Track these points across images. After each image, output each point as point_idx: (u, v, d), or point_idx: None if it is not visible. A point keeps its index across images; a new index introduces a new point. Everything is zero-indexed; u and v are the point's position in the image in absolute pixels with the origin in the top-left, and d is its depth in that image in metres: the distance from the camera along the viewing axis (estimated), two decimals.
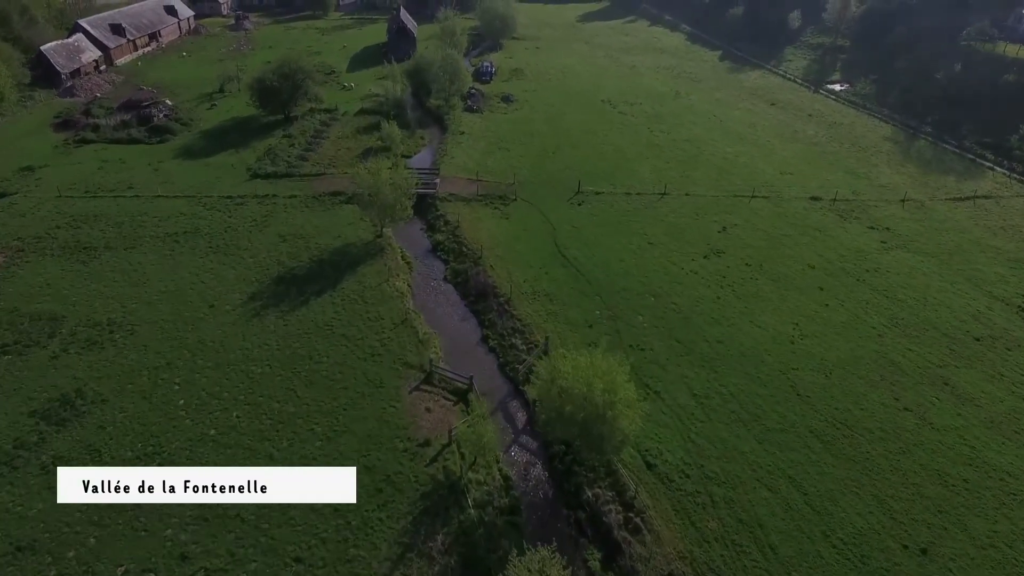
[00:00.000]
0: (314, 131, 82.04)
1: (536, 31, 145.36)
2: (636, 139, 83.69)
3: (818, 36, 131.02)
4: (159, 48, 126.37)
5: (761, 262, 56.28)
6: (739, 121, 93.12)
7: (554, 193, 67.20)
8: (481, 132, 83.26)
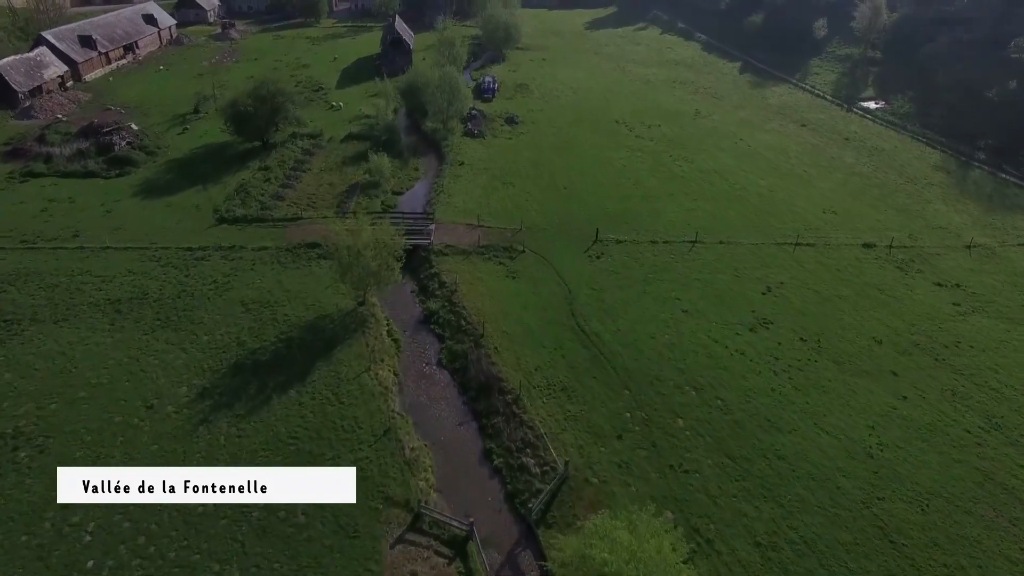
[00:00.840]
0: (294, 161, 72.73)
1: (542, 40, 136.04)
2: (657, 169, 74.31)
3: (845, 47, 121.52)
4: (135, 61, 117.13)
5: (818, 335, 46.92)
6: (768, 146, 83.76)
7: (568, 241, 57.86)
8: (483, 162, 73.89)
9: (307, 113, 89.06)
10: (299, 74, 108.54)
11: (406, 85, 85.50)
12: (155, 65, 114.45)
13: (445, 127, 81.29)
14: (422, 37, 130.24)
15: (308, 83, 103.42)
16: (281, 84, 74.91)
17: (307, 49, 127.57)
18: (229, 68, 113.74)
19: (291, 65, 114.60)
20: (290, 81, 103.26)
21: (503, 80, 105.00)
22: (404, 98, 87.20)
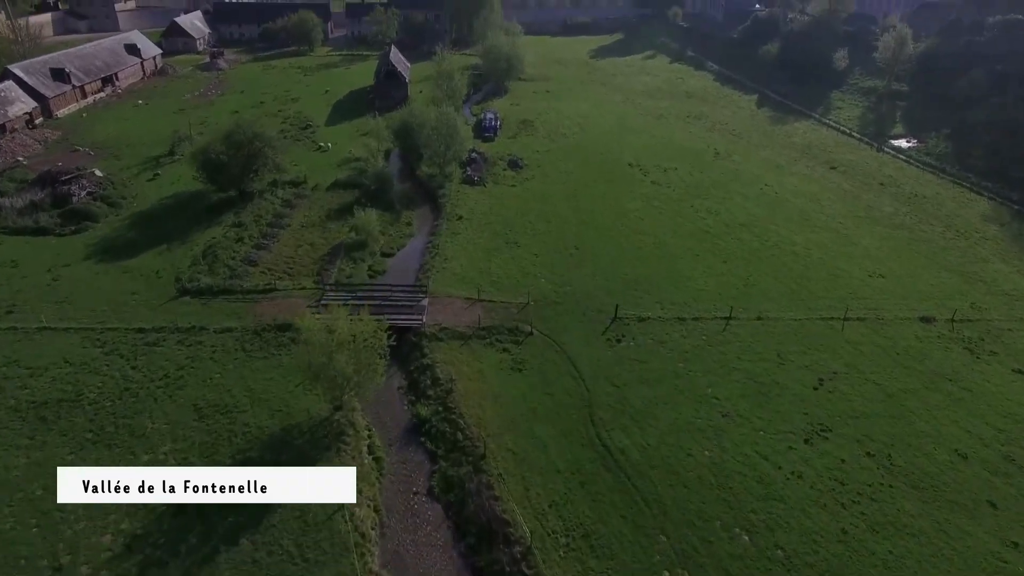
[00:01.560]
0: (273, 215, 65.02)
1: (545, 70, 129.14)
2: (679, 223, 66.58)
3: (868, 79, 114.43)
4: (114, 94, 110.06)
5: (888, 448, 38.79)
6: (798, 192, 76.15)
7: (582, 319, 49.88)
8: (484, 215, 66.14)
9: (292, 154, 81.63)
10: (287, 109, 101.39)
11: (399, 125, 78.09)
12: (135, 99, 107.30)
13: (442, 172, 73.72)
14: (420, 67, 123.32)
15: (295, 120, 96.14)
16: (259, 127, 67.24)
17: (298, 80, 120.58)
18: (213, 102, 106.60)
19: (279, 99, 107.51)
20: (276, 117, 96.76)
21: (505, 116, 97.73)
22: (397, 139, 79.85)
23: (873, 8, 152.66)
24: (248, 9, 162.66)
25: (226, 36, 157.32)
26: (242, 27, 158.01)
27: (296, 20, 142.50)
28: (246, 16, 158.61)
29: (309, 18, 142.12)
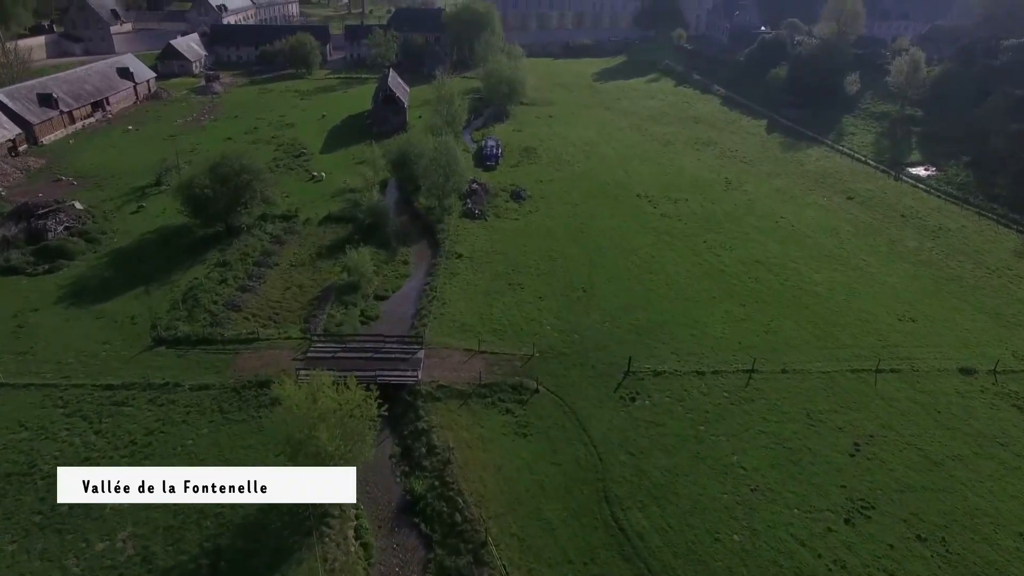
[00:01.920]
0: (260, 252, 61.12)
1: (548, 93, 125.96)
2: (692, 261, 62.59)
3: (881, 103, 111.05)
4: (105, 119, 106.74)
5: (941, 531, 34.44)
6: (815, 226, 72.26)
7: (592, 373, 45.71)
8: (485, 253, 62.17)
9: (284, 185, 78.06)
10: (281, 135, 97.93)
11: (397, 155, 74.43)
12: (125, 124, 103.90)
13: (441, 205, 69.88)
14: (419, 90, 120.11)
15: (289, 147, 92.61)
16: (247, 159, 63.47)
17: (294, 105, 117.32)
18: (205, 127, 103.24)
19: (274, 124, 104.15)
20: (270, 144, 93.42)
21: (507, 142, 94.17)
22: (394, 169, 76.22)
23: (881, 31, 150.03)
24: (246, 31, 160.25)
25: (223, 58, 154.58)
26: (240, 49, 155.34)
27: (293, 42, 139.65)
28: (244, 38, 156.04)
29: (307, 40, 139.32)
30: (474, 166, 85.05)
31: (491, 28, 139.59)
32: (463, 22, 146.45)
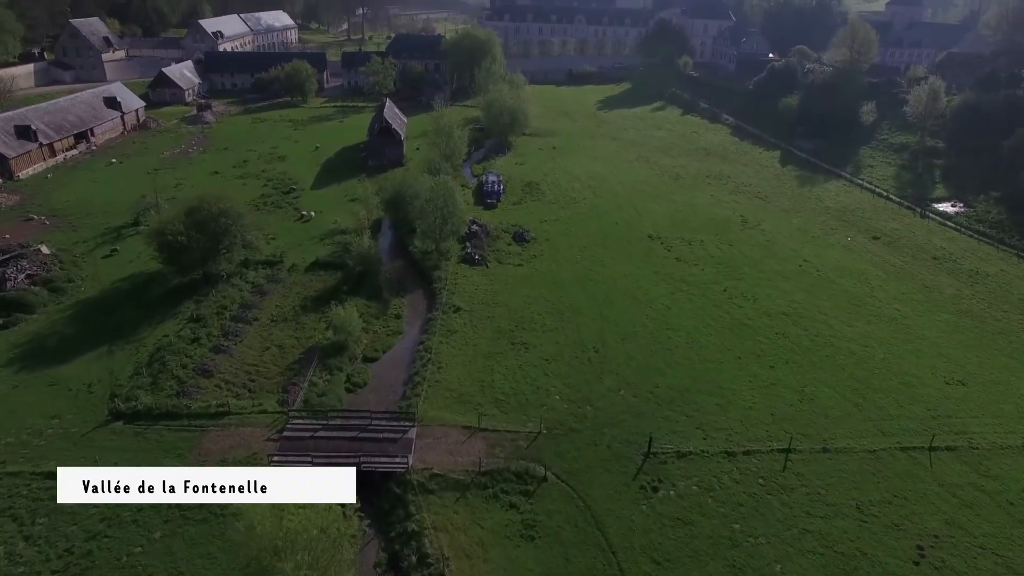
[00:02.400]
0: (239, 305, 55.73)
1: (551, 123, 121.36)
2: (713, 313, 57.13)
3: (899, 134, 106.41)
4: (88, 151, 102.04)
5: None
6: (842, 270, 67.00)
7: (607, 455, 40.06)
8: (486, 305, 56.72)
9: (270, 225, 72.87)
10: (271, 169, 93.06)
11: (391, 195, 69.39)
12: (110, 156, 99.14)
13: (438, 249, 64.70)
14: (418, 120, 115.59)
15: (279, 182, 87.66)
16: (227, 202, 58.25)
17: (287, 135, 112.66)
18: (192, 160, 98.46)
19: (264, 156, 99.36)
20: (259, 179, 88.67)
21: (509, 177, 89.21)
22: (388, 209, 71.20)
23: (893, 59, 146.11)
24: (240, 59, 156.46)
25: (218, 86, 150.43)
26: (234, 77, 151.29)
27: (289, 70, 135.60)
28: (238, 66, 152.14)
29: (302, 68, 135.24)
30: (474, 203, 80.00)
31: (492, 55, 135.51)
32: (463, 49, 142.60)
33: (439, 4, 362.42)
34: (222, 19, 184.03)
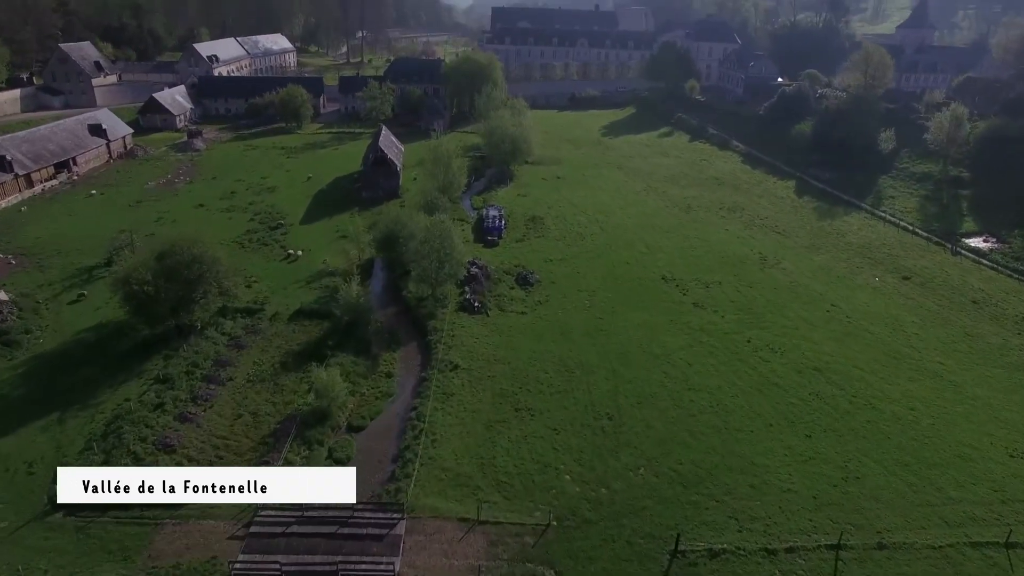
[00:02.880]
0: (214, 361, 50.25)
1: (554, 150, 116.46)
2: (737, 370, 51.53)
3: (920, 163, 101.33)
4: (70, 181, 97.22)
5: None
6: (873, 315, 61.57)
7: (628, 553, 34.28)
8: (486, 363, 51.11)
9: (254, 266, 67.72)
10: (259, 202, 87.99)
11: (383, 235, 64.09)
12: (90, 188, 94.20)
13: (434, 295, 59.32)
14: (416, 147, 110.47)
15: (267, 215, 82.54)
16: (202, 246, 52.87)
17: (279, 163, 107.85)
18: (178, 192, 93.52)
19: (253, 187, 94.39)
20: (246, 213, 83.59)
21: (511, 210, 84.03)
22: (380, 250, 65.85)
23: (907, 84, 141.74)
24: (235, 83, 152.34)
25: (211, 111, 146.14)
26: (228, 102, 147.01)
27: (283, 95, 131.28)
28: (232, 90, 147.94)
29: (297, 93, 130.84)
30: (473, 240, 74.76)
31: (493, 80, 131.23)
32: (464, 74, 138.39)
33: (440, 27, 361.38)
34: (218, 43, 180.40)
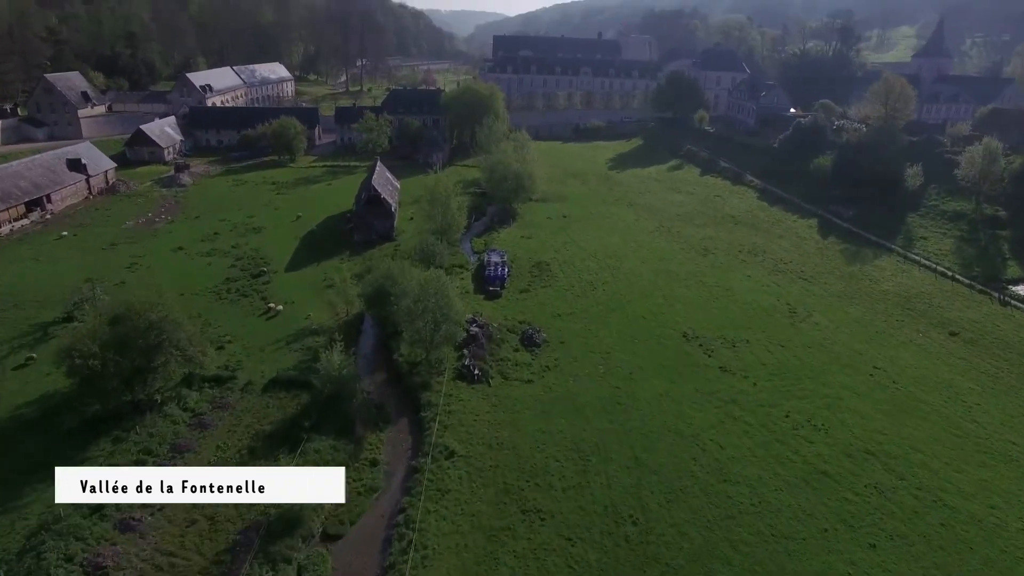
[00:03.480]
0: (170, 447, 43.24)
1: (560, 186, 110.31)
2: (778, 454, 44.39)
3: (950, 200, 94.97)
4: (42, 220, 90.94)
5: None
6: (924, 380, 54.71)
7: None
8: (487, 447, 44.00)
9: (229, 322, 61.03)
10: (243, 245, 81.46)
11: (373, 290, 57.33)
12: (62, 228, 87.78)
13: (428, 360, 52.44)
14: (413, 182, 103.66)
15: (249, 261, 75.95)
16: (161, 310, 46.00)
17: (267, 200, 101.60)
18: (157, 232, 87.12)
19: (238, 228, 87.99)
20: (227, 257, 77.15)
21: (515, 255, 77.45)
22: (370, 306, 59.06)
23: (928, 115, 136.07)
24: (226, 114, 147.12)
25: (202, 143, 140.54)
26: (220, 133, 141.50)
27: (276, 127, 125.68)
28: (224, 121, 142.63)
29: (290, 125, 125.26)
30: (473, 291, 68.04)
31: (494, 112, 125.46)
32: (464, 104, 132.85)
33: (441, 55, 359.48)
34: (213, 72, 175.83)
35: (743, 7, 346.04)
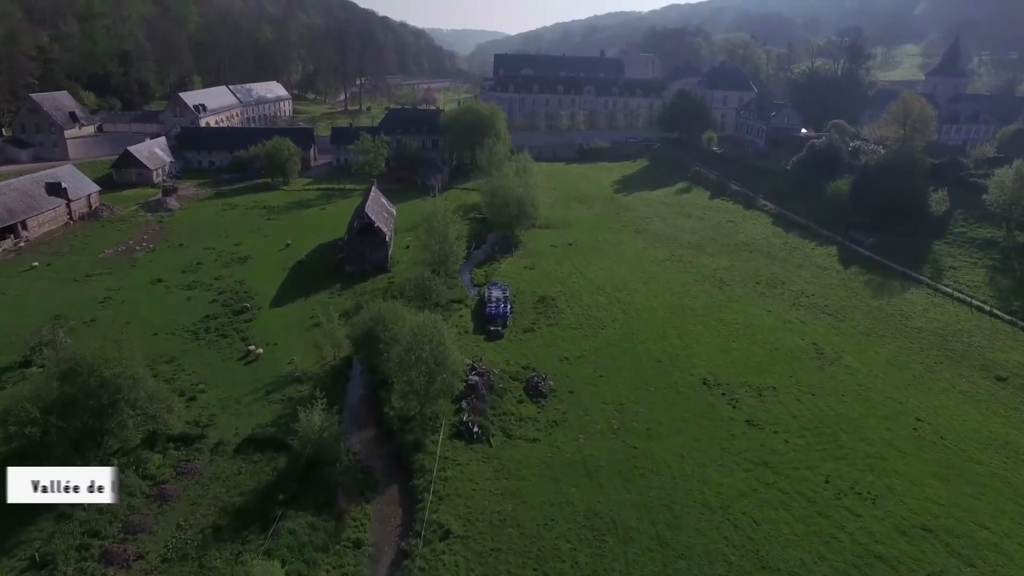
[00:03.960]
0: (122, 526, 37.50)
1: (564, 210, 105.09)
2: (821, 531, 38.66)
3: (979, 227, 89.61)
4: (15, 248, 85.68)
5: None
6: (975, 436, 49.04)
7: None
8: (488, 524, 38.24)
9: (205, 366, 55.50)
10: (226, 277, 76.03)
11: (362, 333, 51.83)
12: (33, 257, 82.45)
13: (421, 415, 46.80)
14: (411, 207, 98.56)
15: (232, 296, 70.53)
16: (117, 365, 40.35)
17: (257, 226, 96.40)
18: (136, 261, 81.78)
19: (224, 256, 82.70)
20: (209, 291, 71.89)
21: (517, 289, 71.97)
22: (358, 350, 53.50)
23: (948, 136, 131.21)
24: (219, 135, 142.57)
25: (194, 164, 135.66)
26: (212, 154, 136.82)
27: (269, 148, 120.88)
28: (217, 142, 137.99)
29: (284, 146, 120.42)
30: (473, 331, 62.51)
31: (496, 132, 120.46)
32: (464, 125, 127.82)
33: (441, 73, 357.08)
34: (208, 91, 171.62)
35: (744, 26, 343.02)
